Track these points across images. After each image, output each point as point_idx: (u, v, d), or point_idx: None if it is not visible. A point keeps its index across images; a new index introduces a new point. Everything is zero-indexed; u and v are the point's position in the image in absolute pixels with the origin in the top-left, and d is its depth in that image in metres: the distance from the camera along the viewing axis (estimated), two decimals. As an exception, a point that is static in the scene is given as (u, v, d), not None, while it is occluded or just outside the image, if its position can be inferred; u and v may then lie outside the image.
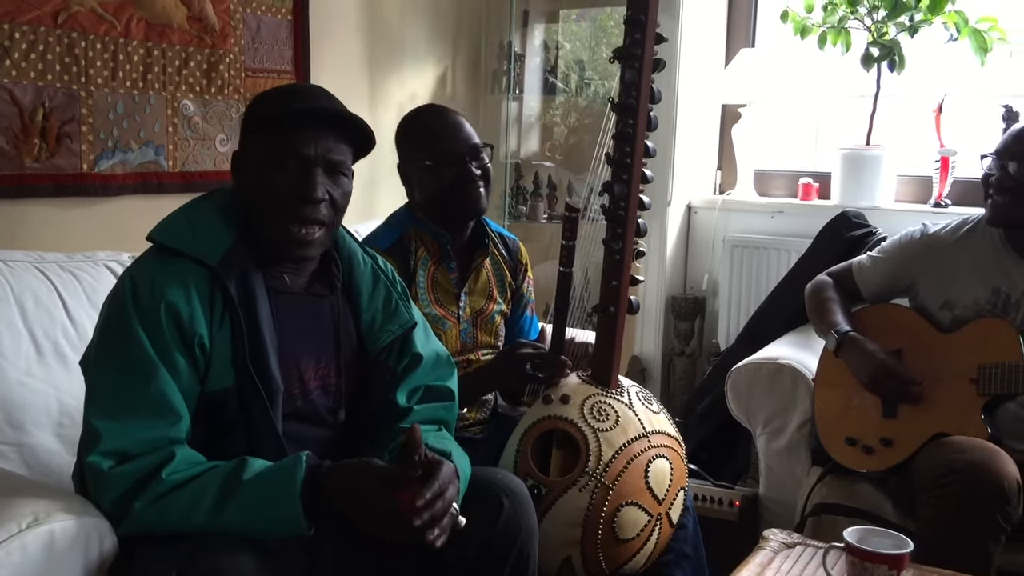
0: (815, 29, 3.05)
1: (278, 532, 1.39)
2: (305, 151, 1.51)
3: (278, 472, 1.39)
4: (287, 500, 1.36)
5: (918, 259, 2.27)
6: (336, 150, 1.54)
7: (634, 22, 1.79)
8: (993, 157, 2.17)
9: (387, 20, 3.23)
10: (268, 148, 1.52)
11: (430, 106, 2.24)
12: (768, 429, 2.44)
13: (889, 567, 1.50)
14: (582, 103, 3.72)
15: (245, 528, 1.37)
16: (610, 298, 1.90)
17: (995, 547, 1.82)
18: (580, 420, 1.85)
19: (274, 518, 1.37)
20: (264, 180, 1.52)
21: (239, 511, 1.36)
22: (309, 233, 1.52)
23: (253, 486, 1.37)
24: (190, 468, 1.39)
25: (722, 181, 3.54)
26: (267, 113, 1.55)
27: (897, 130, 3.17)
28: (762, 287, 3.19)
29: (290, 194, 1.51)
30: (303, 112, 1.52)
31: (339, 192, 1.55)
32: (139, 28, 2.40)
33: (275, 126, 1.52)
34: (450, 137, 2.05)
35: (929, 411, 2.09)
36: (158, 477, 1.37)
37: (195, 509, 1.36)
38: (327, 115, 1.54)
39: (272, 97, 1.60)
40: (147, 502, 1.36)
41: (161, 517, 1.36)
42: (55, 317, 1.94)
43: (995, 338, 2.07)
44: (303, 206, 1.51)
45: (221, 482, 1.38)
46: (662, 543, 1.90)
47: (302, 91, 1.65)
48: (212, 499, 1.36)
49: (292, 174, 1.51)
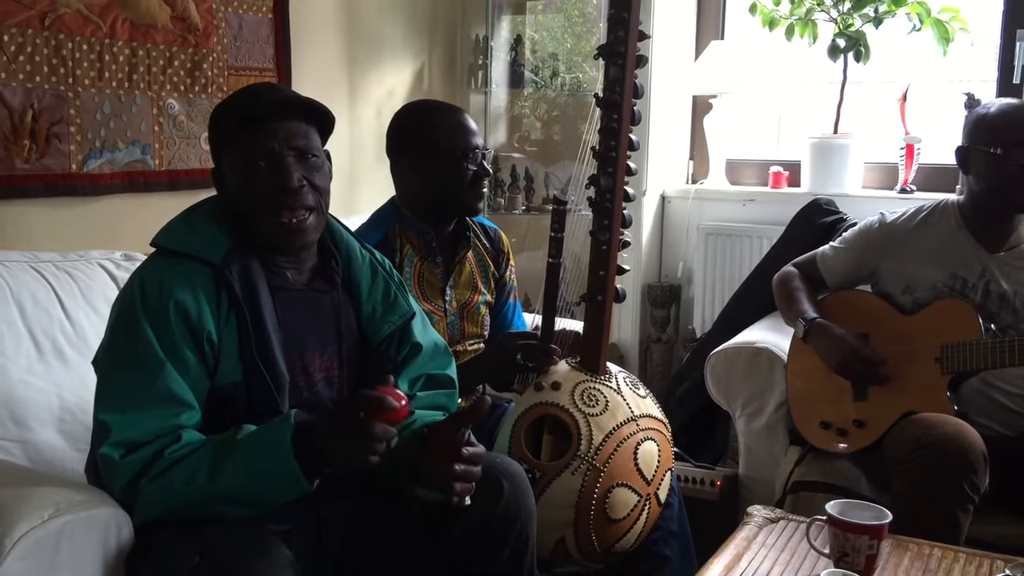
0: (783, 21, 3.13)
1: (279, 488, 1.43)
2: (270, 146, 1.55)
3: (268, 428, 1.45)
4: (280, 452, 1.40)
5: (878, 247, 2.34)
6: (298, 135, 1.58)
7: (617, 20, 1.85)
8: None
9: (365, 17, 3.27)
10: (237, 156, 1.58)
11: (439, 102, 2.29)
12: (747, 411, 2.52)
13: (870, 537, 1.58)
14: (551, 95, 3.77)
15: (246, 487, 1.41)
16: (598, 287, 1.96)
17: (964, 517, 1.90)
18: (571, 405, 1.91)
19: (270, 473, 1.41)
20: (243, 185, 1.57)
21: (236, 470, 1.41)
22: (300, 221, 1.57)
23: (246, 444, 1.43)
24: (192, 444, 1.45)
25: (694, 171, 3.61)
26: (228, 120, 1.60)
27: (864, 118, 3.26)
28: (736, 274, 3.27)
29: (269, 190, 1.55)
30: (258, 109, 1.57)
31: (316, 175, 1.60)
32: (124, 29, 2.43)
33: (237, 134, 1.57)
34: (469, 132, 2.11)
35: (897, 391, 2.17)
36: (161, 456, 1.42)
37: (195, 475, 1.41)
38: (278, 106, 1.58)
39: (228, 103, 1.65)
40: (151, 479, 1.41)
41: (166, 491, 1.41)
42: (53, 316, 1.98)
43: (956, 318, 2.15)
44: (284, 197, 1.55)
45: (216, 446, 1.43)
46: (651, 522, 1.97)
47: (255, 90, 1.67)
48: (209, 463, 1.41)
49: (265, 172, 1.55)
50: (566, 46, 3.70)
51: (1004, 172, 2.14)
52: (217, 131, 1.62)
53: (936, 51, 2.93)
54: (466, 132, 2.12)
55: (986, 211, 2.23)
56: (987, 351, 2.06)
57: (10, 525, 1.33)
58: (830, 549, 1.62)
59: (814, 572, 1.61)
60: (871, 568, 1.58)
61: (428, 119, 2.14)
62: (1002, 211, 2.21)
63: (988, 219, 2.23)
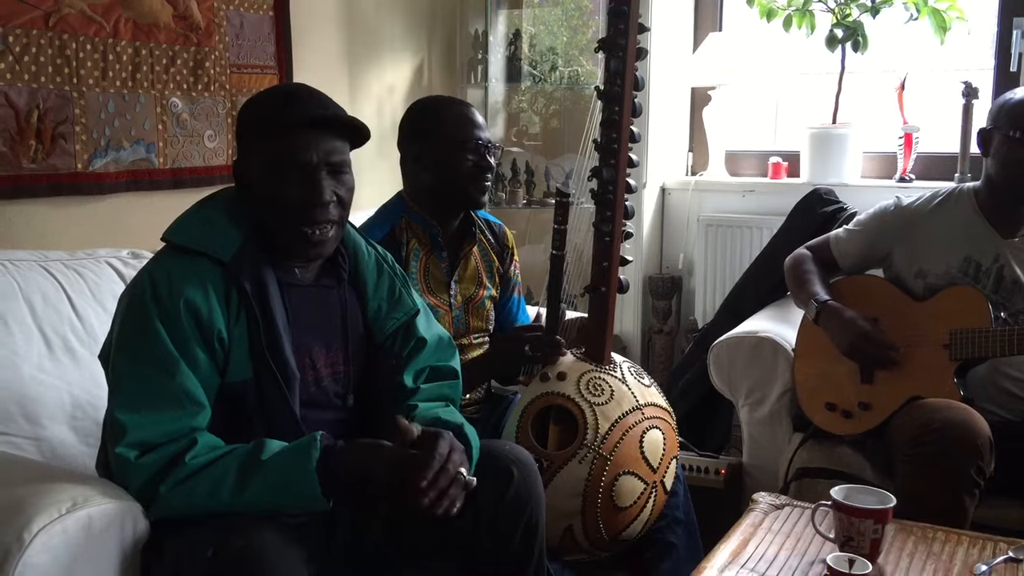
0: (780, 12, 3.15)
1: (299, 507, 1.47)
2: (306, 158, 1.55)
3: (295, 451, 1.46)
4: (305, 477, 1.42)
5: (893, 230, 2.36)
6: (336, 151, 1.58)
7: (617, 13, 1.87)
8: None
9: (364, 14, 3.29)
10: (269, 157, 1.56)
11: (448, 97, 2.31)
12: (750, 399, 2.54)
13: (875, 521, 1.59)
14: (548, 89, 3.78)
15: (268, 505, 1.44)
16: (601, 279, 1.98)
17: (970, 501, 1.93)
18: (577, 395, 1.93)
19: (294, 494, 1.44)
20: (270, 189, 1.56)
21: (260, 489, 1.43)
22: (323, 233, 1.58)
23: (272, 465, 1.44)
24: (211, 452, 1.46)
25: (694, 163, 3.63)
26: (262, 122, 1.59)
27: (862, 108, 3.28)
28: (736, 265, 3.29)
29: (299, 201, 1.55)
30: (301, 122, 1.56)
31: (344, 190, 1.60)
32: (127, 28, 2.45)
33: (272, 135, 1.56)
34: (474, 125, 2.12)
35: (904, 376, 2.19)
36: (181, 462, 1.43)
37: (219, 489, 1.42)
38: (319, 121, 1.57)
39: (264, 103, 1.63)
40: (171, 486, 1.42)
41: (187, 499, 1.43)
42: (63, 314, 1.99)
43: (966, 305, 2.17)
44: (313, 209, 1.56)
45: (241, 463, 1.44)
46: (657, 509, 2.00)
47: (293, 95, 1.63)
48: (234, 479, 1.43)
49: (297, 182, 1.55)
50: (563, 40, 3.71)
51: (1021, 156, 2.16)
52: (248, 128, 1.61)
53: (933, 40, 2.95)
54: (468, 123, 2.12)
55: (1002, 195, 2.25)
56: (996, 339, 2.08)
57: (29, 519, 1.34)
58: (835, 533, 1.64)
59: (820, 556, 1.63)
60: (876, 552, 1.60)
61: (433, 112, 2.16)
62: (1018, 196, 2.23)
63: (1004, 204, 2.25)
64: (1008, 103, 2.22)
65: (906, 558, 1.64)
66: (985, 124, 2.28)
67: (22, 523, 1.34)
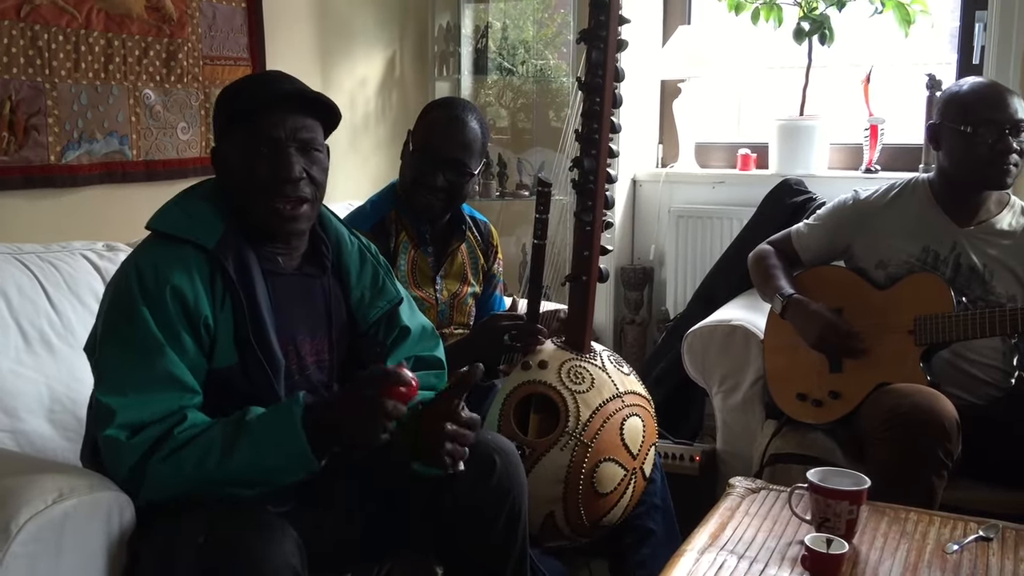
0: (748, 5, 3.19)
1: (288, 468, 1.45)
2: (276, 134, 1.57)
3: (278, 409, 1.47)
4: (290, 431, 1.42)
5: (851, 223, 2.40)
6: (305, 128, 1.60)
7: (598, 5, 1.89)
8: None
9: (336, 6, 3.28)
10: (242, 139, 1.58)
11: (453, 98, 2.35)
12: (723, 387, 2.58)
13: (850, 502, 1.63)
14: (516, 82, 3.79)
15: (256, 467, 1.44)
16: (582, 268, 2.00)
17: (939, 482, 1.97)
18: (558, 383, 1.96)
19: (281, 452, 1.43)
20: (243, 169, 1.58)
21: (247, 451, 1.43)
22: (294, 209, 1.59)
23: (257, 424, 1.45)
24: (199, 425, 1.47)
25: (664, 155, 3.66)
26: (236, 106, 1.61)
27: (829, 101, 3.33)
28: (707, 255, 3.33)
29: (269, 177, 1.57)
30: (268, 98, 1.59)
31: (316, 168, 1.62)
32: (99, 19, 2.42)
33: (243, 117, 1.58)
34: (438, 134, 2.14)
35: (872, 363, 2.23)
36: (171, 435, 1.44)
37: (207, 456, 1.42)
38: (291, 96, 1.60)
39: (236, 88, 1.66)
40: (161, 459, 1.42)
41: (177, 471, 1.42)
42: (39, 306, 1.98)
43: (928, 292, 2.21)
44: (283, 185, 1.57)
45: (226, 427, 1.45)
46: (637, 496, 2.03)
47: (264, 78, 1.70)
48: (220, 444, 1.43)
49: (268, 158, 1.57)
50: (530, 33, 3.72)
51: (973, 150, 2.20)
52: (223, 113, 1.63)
53: (898, 34, 3.00)
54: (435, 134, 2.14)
55: (956, 187, 2.30)
56: (959, 323, 2.12)
57: (15, 510, 1.34)
58: (811, 515, 1.67)
59: (796, 537, 1.66)
60: (852, 532, 1.64)
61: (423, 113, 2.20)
62: (971, 187, 2.28)
63: (958, 194, 2.30)
64: (955, 97, 2.26)
65: (880, 538, 1.68)
66: (934, 119, 2.32)
67: (9, 514, 1.33)
